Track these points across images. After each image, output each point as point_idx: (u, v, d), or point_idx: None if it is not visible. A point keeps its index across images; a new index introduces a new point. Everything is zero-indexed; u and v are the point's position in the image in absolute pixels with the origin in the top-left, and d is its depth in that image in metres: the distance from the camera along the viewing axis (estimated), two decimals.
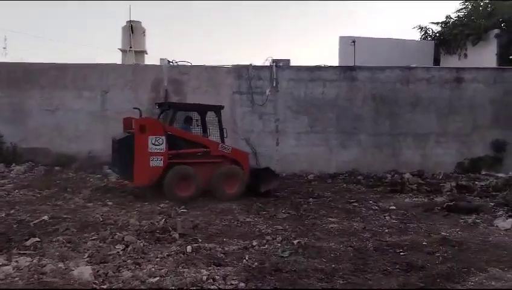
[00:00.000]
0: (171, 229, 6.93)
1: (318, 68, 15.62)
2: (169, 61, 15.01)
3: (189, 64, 14.87)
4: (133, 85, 14.82)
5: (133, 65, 15.37)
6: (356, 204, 10.09)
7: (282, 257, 6.02)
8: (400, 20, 46.11)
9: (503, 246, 6.81)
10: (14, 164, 13.28)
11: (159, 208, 8.95)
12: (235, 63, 15.25)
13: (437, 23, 23.99)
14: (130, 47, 16.05)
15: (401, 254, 6.35)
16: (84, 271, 4.82)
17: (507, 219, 8.32)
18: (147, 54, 17.10)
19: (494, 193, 11.39)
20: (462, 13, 23.86)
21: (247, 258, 5.88)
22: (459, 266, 5.84)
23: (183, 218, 7.97)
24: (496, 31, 20.72)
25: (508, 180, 13.04)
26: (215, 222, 7.92)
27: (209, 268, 5.43)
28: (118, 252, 5.88)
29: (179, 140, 9.94)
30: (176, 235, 6.68)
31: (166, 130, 9.75)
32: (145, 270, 5.25)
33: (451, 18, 23.77)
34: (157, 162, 9.51)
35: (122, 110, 14.76)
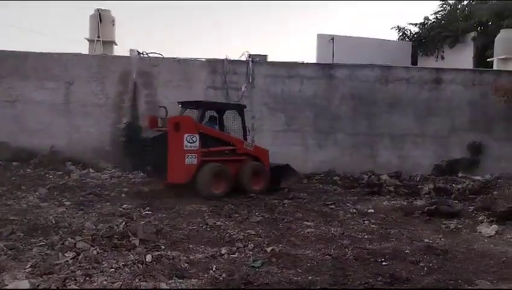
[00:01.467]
0: (130, 234, 6.21)
1: (296, 65, 15.13)
2: (139, 53, 14.24)
3: (161, 56, 14.13)
4: (100, 77, 14.02)
5: (100, 56, 14.52)
6: (333, 206, 9.59)
7: (254, 267, 5.40)
8: (378, 20, 46.24)
9: (489, 255, 6.39)
10: None
11: (121, 209, 8.21)
12: (210, 57, 14.60)
13: (415, 24, 23.91)
14: (98, 37, 15.16)
15: (384, 263, 5.82)
16: (20, 285, 4.10)
17: (490, 225, 7.94)
18: (116, 44, 16.20)
19: (471, 196, 11.08)
20: (440, 15, 23.85)
21: (214, 269, 5.24)
22: (445, 277, 5.35)
23: (146, 221, 7.27)
24: (473, 33, 20.72)
25: (484, 183, 12.82)
26: (182, 225, 7.24)
27: (170, 281, 4.77)
28: (67, 261, 5.15)
29: (208, 138, 10.00)
30: (136, 242, 5.97)
31: (199, 128, 9.78)
32: (95, 284, 4.56)
33: (429, 19, 23.72)
34: (191, 160, 9.52)
35: (87, 103, 14.06)
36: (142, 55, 14.34)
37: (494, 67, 17.48)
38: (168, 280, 4.81)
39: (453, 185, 12.79)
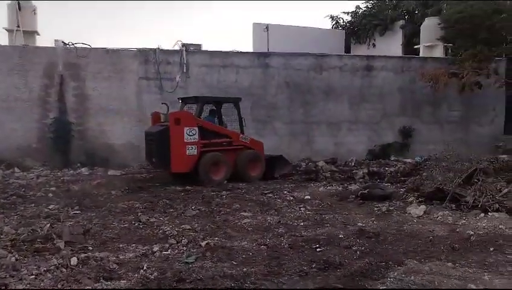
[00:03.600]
0: (55, 236, 5.84)
1: (231, 54, 14.95)
2: (64, 43, 13.45)
3: (89, 46, 13.44)
4: (22, 70, 13.12)
5: (21, 47, 13.53)
6: (271, 195, 9.63)
7: (187, 263, 5.24)
8: (312, 9, 46.88)
9: (418, 235, 6.64)
10: None
11: (47, 210, 7.72)
12: (141, 46, 14.07)
13: (347, 13, 24.41)
14: (18, 26, 14.12)
15: (318, 250, 5.87)
16: None
17: (419, 205, 8.27)
18: (38, 34, 15.17)
19: (402, 179, 11.54)
20: (371, 4, 24.51)
21: (145, 268, 5.02)
22: (376, 260, 5.48)
23: (74, 222, 6.87)
24: (401, 22, 21.50)
25: (415, 165, 13.39)
26: (113, 224, 6.91)
27: (97, 284, 4.51)
28: None
29: (207, 131, 10.88)
30: (61, 244, 5.61)
31: (197, 122, 10.71)
32: None
33: (360, 8, 24.32)
34: (192, 151, 10.49)
35: (9, 98, 13.14)
36: (68, 45, 13.57)
37: (421, 54, 18.25)
38: (94, 283, 4.54)
39: (386, 168, 13.32)
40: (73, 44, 13.47)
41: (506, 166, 9.33)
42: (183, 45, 14.26)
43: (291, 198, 9.31)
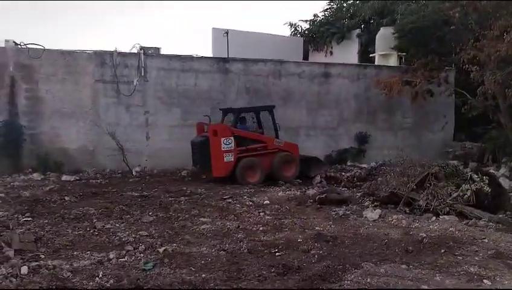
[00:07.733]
0: (4, 245, 5.57)
1: (190, 58, 14.85)
2: (16, 44, 12.92)
3: (42, 48, 12.96)
4: None
5: None
6: (230, 200, 9.60)
7: (145, 270, 5.15)
8: (271, 16, 47.36)
9: (373, 238, 6.82)
10: None
11: None
12: (98, 49, 13.72)
13: (305, 21, 24.82)
14: None
15: (277, 254, 5.93)
16: None
17: (374, 209, 8.49)
18: None
19: (358, 183, 11.84)
20: (328, 13, 25.06)
21: (100, 276, 4.89)
22: (334, 263, 5.59)
23: (25, 229, 6.59)
24: (358, 30, 22.09)
25: (370, 171, 13.76)
26: (66, 231, 6.68)
27: None
28: None
29: (242, 139, 12.10)
30: (11, 253, 5.37)
31: (233, 132, 11.87)
32: None
33: (318, 16, 24.80)
34: (229, 158, 11.75)
35: None
36: (19, 46, 13.04)
37: (376, 62, 18.79)
38: None
39: (343, 173, 13.57)
40: (25, 44, 12.96)
41: (456, 171, 9.73)
42: (142, 48, 14.02)
43: (251, 203, 9.32)
